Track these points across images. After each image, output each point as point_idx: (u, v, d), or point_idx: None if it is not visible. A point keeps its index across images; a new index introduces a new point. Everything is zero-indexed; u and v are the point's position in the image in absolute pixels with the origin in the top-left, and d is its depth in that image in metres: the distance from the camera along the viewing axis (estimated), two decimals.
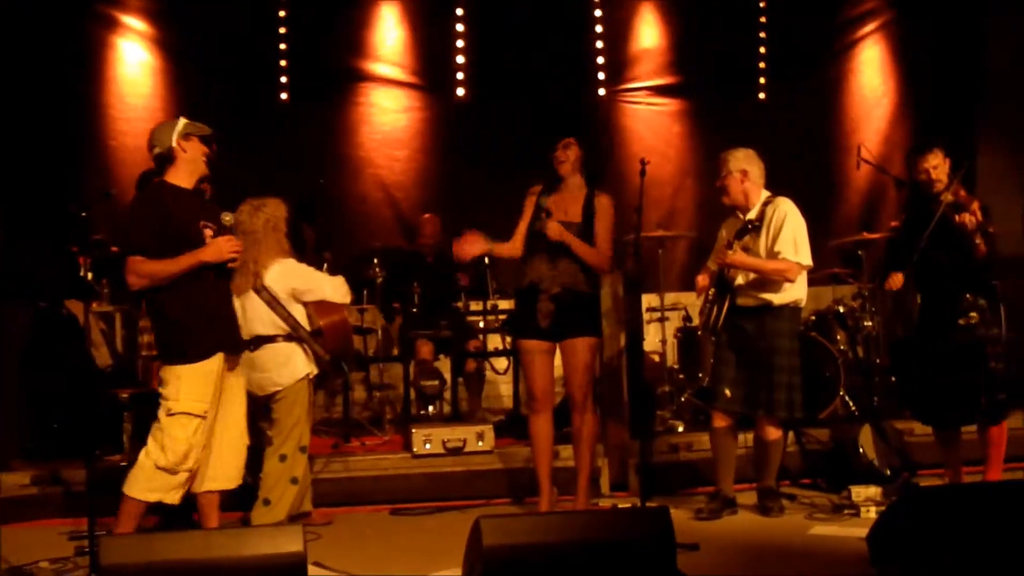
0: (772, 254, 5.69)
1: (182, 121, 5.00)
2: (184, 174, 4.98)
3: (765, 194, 5.83)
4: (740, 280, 5.76)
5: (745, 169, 5.79)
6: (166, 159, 4.96)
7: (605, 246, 5.71)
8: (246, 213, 5.68)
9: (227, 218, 4.93)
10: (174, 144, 4.93)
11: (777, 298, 5.71)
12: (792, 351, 5.76)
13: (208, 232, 4.91)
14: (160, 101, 8.89)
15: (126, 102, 8.82)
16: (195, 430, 4.84)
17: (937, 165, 5.70)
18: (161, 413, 4.86)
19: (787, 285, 5.69)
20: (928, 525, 4.41)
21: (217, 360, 4.90)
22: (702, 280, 5.94)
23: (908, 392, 6.24)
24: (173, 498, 4.89)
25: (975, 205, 5.53)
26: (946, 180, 5.70)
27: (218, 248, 4.85)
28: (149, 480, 4.83)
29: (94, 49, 8.73)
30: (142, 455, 4.87)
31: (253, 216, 5.68)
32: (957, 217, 5.49)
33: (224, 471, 5.06)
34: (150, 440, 4.87)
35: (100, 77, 8.76)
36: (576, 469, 5.81)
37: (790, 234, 5.66)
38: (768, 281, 5.71)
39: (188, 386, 4.84)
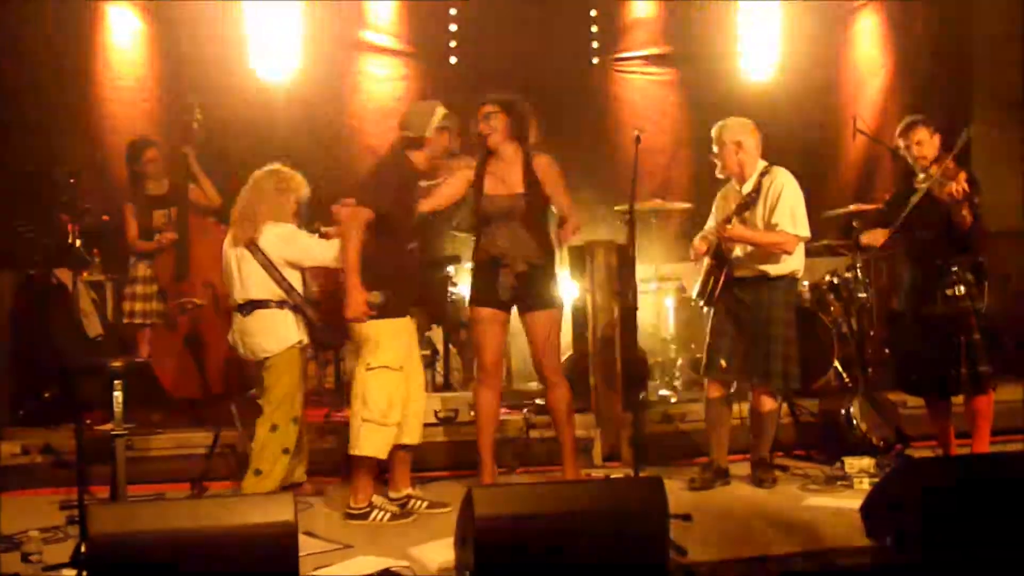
0: (770, 226, 5.66)
1: (440, 111, 5.35)
2: (424, 159, 5.38)
3: (762, 164, 5.78)
4: (738, 252, 5.73)
5: (739, 140, 5.75)
6: (414, 144, 5.36)
7: (568, 208, 5.58)
8: (266, 171, 5.71)
9: (375, 297, 5.13)
10: (429, 134, 5.32)
11: (775, 269, 5.70)
12: (789, 322, 5.75)
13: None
14: (150, 69, 8.78)
15: (115, 70, 8.70)
16: (395, 384, 5.25)
17: (920, 141, 5.71)
18: (359, 369, 5.29)
19: (785, 256, 5.67)
20: (921, 496, 4.41)
21: (408, 320, 5.36)
22: (700, 244, 5.88)
23: (897, 364, 6.26)
24: (384, 454, 5.32)
25: (961, 175, 5.50)
26: (933, 155, 5.68)
27: (357, 305, 5.12)
28: (360, 435, 5.25)
29: (83, 16, 8.61)
30: (350, 415, 5.34)
31: (270, 177, 5.68)
32: (944, 188, 5.47)
33: (408, 427, 5.43)
34: (352, 397, 5.32)
35: (89, 44, 8.63)
36: (560, 443, 5.78)
37: (787, 206, 5.63)
38: (766, 253, 5.68)
39: (385, 342, 5.23)
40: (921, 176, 5.71)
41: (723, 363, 5.78)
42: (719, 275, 5.76)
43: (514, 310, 5.71)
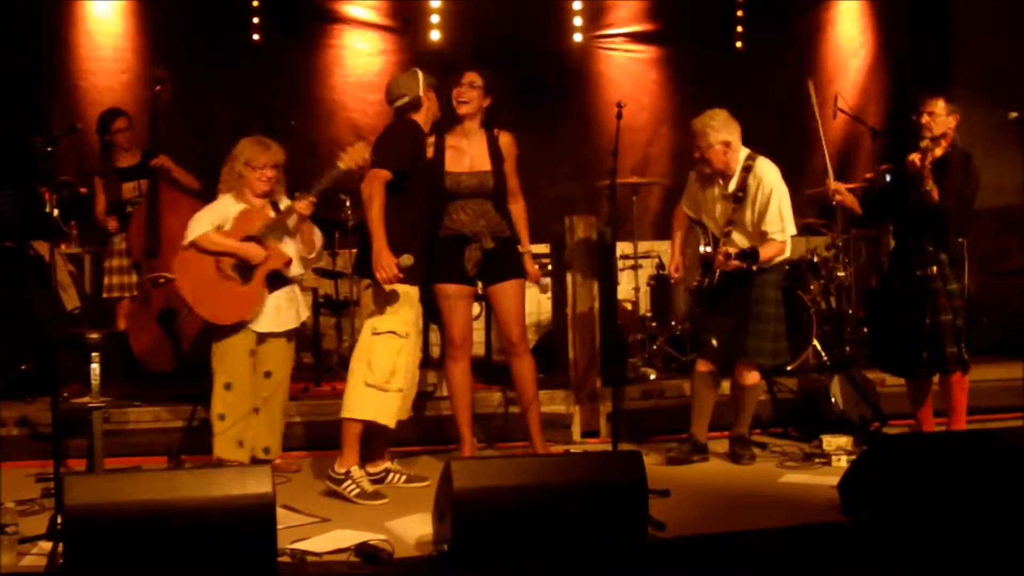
0: (759, 231, 5.64)
1: (421, 74, 5.36)
2: (424, 121, 5.39)
3: (743, 155, 5.70)
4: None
5: (727, 140, 5.62)
6: (412, 107, 5.35)
7: (518, 188, 5.70)
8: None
9: (407, 260, 5.05)
10: (422, 94, 5.34)
11: (767, 265, 5.69)
12: (778, 300, 5.78)
13: None
14: (130, 41, 8.74)
15: (95, 41, 8.67)
16: (399, 350, 5.21)
17: (934, 112, 5.67)
18: (365, 332, 5.27)
19: None
20: (897, 473, 4.44)
21: (417, 289, 5.31)
22: (681, 273, 5.89)
23: (872, 342, 6.30)
24: (387, 419, 5.23)
25: (935, 152, 5.54)
26: (938, 132, 5.65)
27: (389, 267, 5.03)
28: (361, 399, 5.19)
29: None
30: (349, 376, 5.26)
31: (247, 149, 5.62)
32: (908, 157, 5.51)
33: (405, 400, 5.42)
34: (353, 361, 5.27)
35: (69, 15, 8.59)
36: (526, 415, 5.77)
37: (776, 211, 5.60)
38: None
39: (394, 307, 5.21)
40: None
41: (714, 342, 5.76)
42: (714, 275, 5.71)
43: None
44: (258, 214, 5.59)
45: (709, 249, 5.72)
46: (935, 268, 5.66)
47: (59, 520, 4.02)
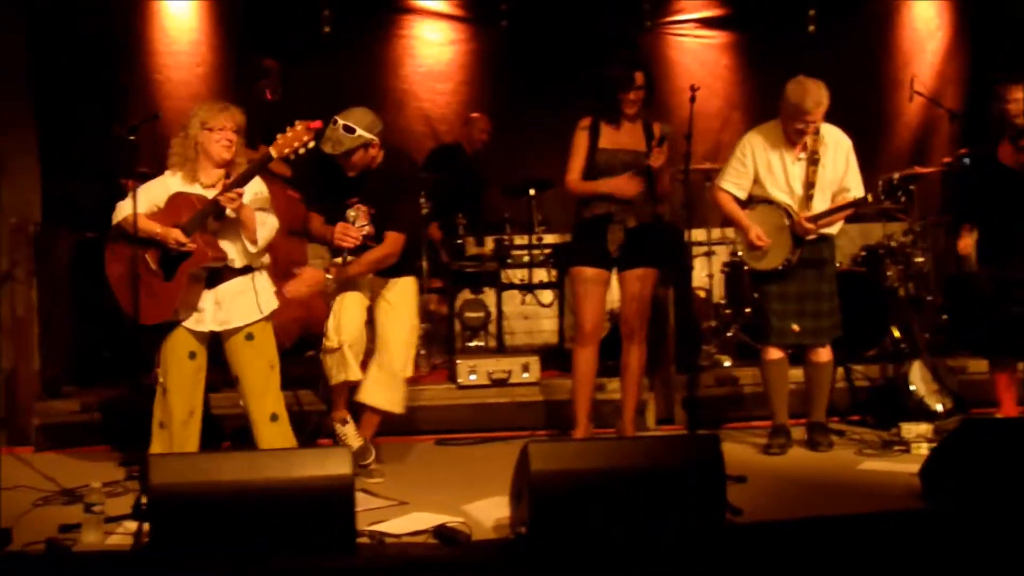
0: (839, 187, 5.67)
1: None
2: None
3: None
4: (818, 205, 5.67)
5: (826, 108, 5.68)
6: None
7: (667, 182, 5.78)
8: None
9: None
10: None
11: (835, 229, 5.73)
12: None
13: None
14: (204, 35, 8.84)
15: (171, 36, 8.77)
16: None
17: (1018, 99, 5.67)
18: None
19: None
20: (982, 459, 4.37)
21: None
22: (760, 241, 5.70)
23: (963, 326, 6.21)
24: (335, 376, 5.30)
25: None
26: None
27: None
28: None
29: None
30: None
31: (202, 111, 5.07)
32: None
33: (370, 386, 5.36)
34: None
35: (145, 10, 8.71)
36: (622, 401, 5.80)
37: (855, 170, 5.66)
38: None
39: None
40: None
41: (795, 327, 5.69)
42: (799, 246, 5.66)
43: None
44: (187, 200, 4.92)
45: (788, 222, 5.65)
46: None
47: (143, 500, 4.10)
